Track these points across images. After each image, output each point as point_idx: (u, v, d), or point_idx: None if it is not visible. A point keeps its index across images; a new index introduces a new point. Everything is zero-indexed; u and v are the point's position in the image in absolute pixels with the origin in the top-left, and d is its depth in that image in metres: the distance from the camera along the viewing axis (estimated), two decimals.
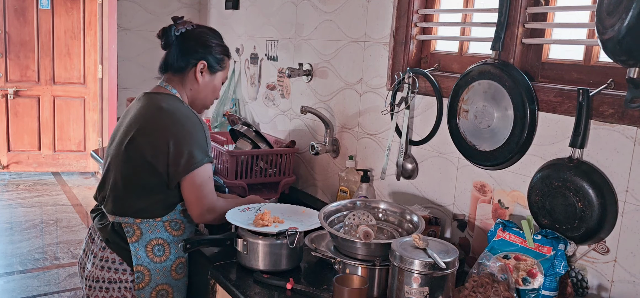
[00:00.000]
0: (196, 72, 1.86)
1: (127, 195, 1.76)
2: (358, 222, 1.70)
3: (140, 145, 1.73)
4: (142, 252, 1.75)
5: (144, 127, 1.75)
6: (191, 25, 1.89)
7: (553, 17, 1.66)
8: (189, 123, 1.76)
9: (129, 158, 1.75)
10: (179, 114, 1.76)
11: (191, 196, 1.75)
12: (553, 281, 1.46)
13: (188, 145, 1.72)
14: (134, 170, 1.74)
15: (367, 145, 2.29)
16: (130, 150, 1.75)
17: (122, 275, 1.76)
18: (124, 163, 1.76)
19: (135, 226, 1.76)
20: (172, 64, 1.86)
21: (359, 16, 2.30)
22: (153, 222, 1.77)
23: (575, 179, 1.49)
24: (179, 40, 1.85)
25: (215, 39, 1.91)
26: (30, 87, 5.73)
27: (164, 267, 1.78)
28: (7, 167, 5.82)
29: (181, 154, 1.71)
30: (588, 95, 1.47)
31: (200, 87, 1.88)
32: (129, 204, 1.76)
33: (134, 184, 1.75)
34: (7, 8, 5.50)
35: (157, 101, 1.80)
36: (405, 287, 1.41)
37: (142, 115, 1.78)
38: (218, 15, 3.59)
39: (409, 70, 2.01)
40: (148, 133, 1.74)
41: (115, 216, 1.77)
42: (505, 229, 1.61)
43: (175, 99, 1.83)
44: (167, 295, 1.80)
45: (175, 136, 1.72)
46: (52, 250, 4.14)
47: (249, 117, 3.22)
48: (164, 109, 1.76)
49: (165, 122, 1.74)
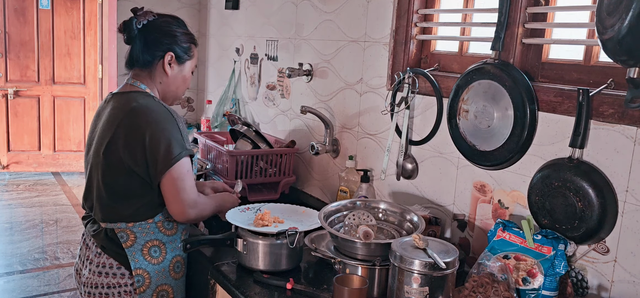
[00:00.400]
0: (164, 65, 1.79)
1: (114, 202, 1.72)
2: (358, 222, 1.70)
3: (117, 150, 1.68)
4: (139, 255, 1.74)
5: (118, 131, 1.69)
6: (153, 15, 1.81)
7: (553, 17, 1.66)
8: (162, 118, 1.70)
9: (108, 165, 1.70)
10: (151, 111, 1.70)
11: (170, 193, 1.69)
12: (553, 281, 1.46)
13: (164, 141, 1.67)
14: (116, 176, 1.70)
15: (367, 145, 2.29)
16: (108, 157, 1.70)
17: (121, 280, 1.75)
18: (104, 170, 1.71)
19: (128, 231, 1.73)
20: (138, 59, 1.79)
21: (359, 16, 2.30)
22: (145, 224, 1.75)
23: (575, 179, 1.48)
24: (142, 32, 1.77)
25: (180, 28, 1.84)
26: (30, 87, 5.73)
27: (162, 268, 1.77)
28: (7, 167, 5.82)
29: (158, 152, 1.66)
30: (588, 95, 1.47)
31: (170, 80, 1.82)
32: (117, 211, 1.73)
33: (118, 190, 1.71)
34: (7, 8, 5.50)
35: (127, 102, 1.73)
36: (405, 287, 1.40)
37: (115, 118, 1.72)
38: (218, 15, 3.59)
39: (409, 70, 2.01)
40: (122, 137, 1.68)
41: (107, 223, 1.75)
42: (505, 229, 1.60)
43: (145, 95, 1.76)
44: (167, 295, 1.80)
45: (150, 135, 1.66)
46: (52, 250, 4.14)
47: (249, 117, 3.22)
48: (134, 109, 1.70)
49: (138, 122, 1.68)
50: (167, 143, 1.67)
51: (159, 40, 1.78)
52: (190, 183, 1.73)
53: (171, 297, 1.80)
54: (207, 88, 3.80)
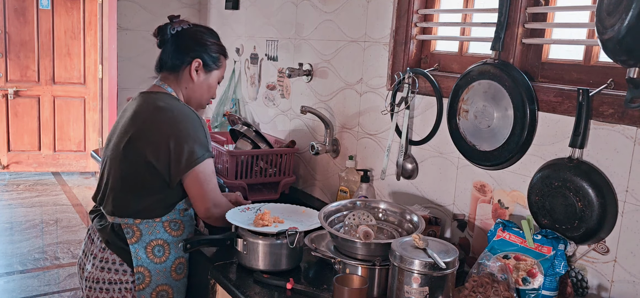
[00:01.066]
0: (191, 70, 1.85)
1: (127, 195, 1.75)
2: (358, 222, 1.70)
3: (139, 145, 1.73)
4: (142, 252, 1.75)
5: (142, 127, 1.74)
6: (188, 24, 1.88)
7: (553, 17, 1.66)
8: (188, 120, 1.75)
9: (127, 159, 1.74)
10: (177, 112, 1.76)
11: (195, 192, 1.76)
12: (553, 281, 1.46)
13: (188, 142, 1.72)
14: (133, 170, 1.74)
15: (367, 145, 2.29)
16: (128, 151, 1.74)
17: (123, 276, 1.76)
18: (122, 163, 1.75)
19: (134, 227, 1.75)
20: (166, 62, 1.86)
21: (359, 16, 2.30)
22: (152, 222, 1.77)
23: (575, 179, 1.49)
24: (174, 38, 1.84)
25: (212, 38, 1.91)
26: (30, 87, 5.73)
27: (164, 268, 1.78)
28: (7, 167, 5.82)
29: (182, 152, 1.71)
30: (588, 95, 1.47)
31: (196, 86, 1.87)
32: (128, 205, 1.75)
33: (133, 185, 1.74)
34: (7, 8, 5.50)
35: (154, 100, 1.79)
36: (405, 287, 1.41)
37: (140, 115, 1.77)
38: (218, 15, 3.59)
39: (409, 70, 2.01)
40: (147, 132, 1.73)
41: (115, 217, 1.77)
42: (505, 229, 1.61)
43: (172, 97, 1.82)
44: (167, 295, 1.80)
45: (175, 134, 1.71)
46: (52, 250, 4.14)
47: (249, 117, 3.22)
48: (161, 108, 1.76)
49: (164, 121, 1.73)
50: (191, 144, 1.72)
51: (190, 46, 1.84)
52: (214, 184, 1.79)
53: (170, 297, 1.81)
54: None
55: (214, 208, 1.79)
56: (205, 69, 1.88)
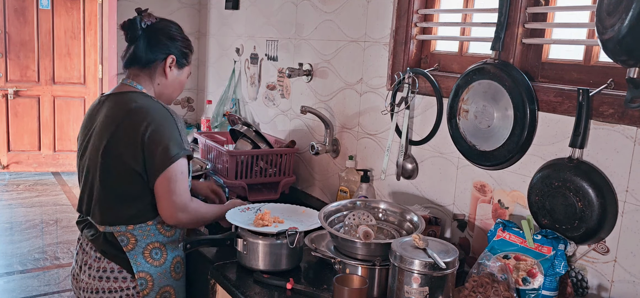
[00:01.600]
0: (165, 67, 1.81)
1: (114, 204, 1.71)
2: (358, 222, 1.70)
3: (116, 151, 1.68)
4: (141, 258, 1.73)
5: (117, 131, 1.69)
6: (155, 18, 1.83)
7: (553, 17, 1.66)
8: (161, 118, 1.70)
9: (108, 167, 1.69)
10: (150, 111, 1.71)
11: (161, 194, 1.68)
12: (553, 281, 1.46)
13: (162, 141, 1.67)
14: (116, 177, 1.69)
15: (367, 145, 2.29)
16: (107, 158, 1.69)
17: (123, 283, 1.73)
18: (104, 172, 1.70)
19: (128, 234, 1.72)
20: (140, 58, 1.78)
21: (359, 16, 2.30)
22: (145, 226, 1.74)
23: (575, 179, 1.49)
24: (146, 33, 1.78)
25: (181, 33, 1.86)
26: (30, 87, 5.73)
27: (163, 270, 1.77)
28: (7, 167, 5.82)
29: (156, 151, 1.66)
30: (588, 95, 1.47)
31: (168, 82, 1.84)
32: (117, 213, 1.72)
33: (119, 192, 1.70)
34: (7, 8, 5.50)
35: (126, 102, 1.73)
36: (405, 287, 1.41)
37: (113, 119, 1.71)
38: (218, 15, 3.59)
39: (409, 70, 2.01)
40: (122, 137, 1.68)
41: (105, 226, 1.73)
42: (505, 229, 1.61)
43: (143, 95, 1.76)
44: (170, 296, 1.79)
45: (149, 134, 1.66)
46: (52, 250, 4.14)
47: (249, 117, 3.22)
48: (133, 109, 1.70)
49: (138, 122, 1.67)
50: (165, 143, 1.67)
51: (162, 42, 1.80)
52: (183, 186, 1.71)
53: (173, 297, 1.80)
54: (207, 88, 3.80)
55: (180, 213, 1.70)
56: (178, 65, 1.84)
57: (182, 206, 1.71)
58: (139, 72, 1.81)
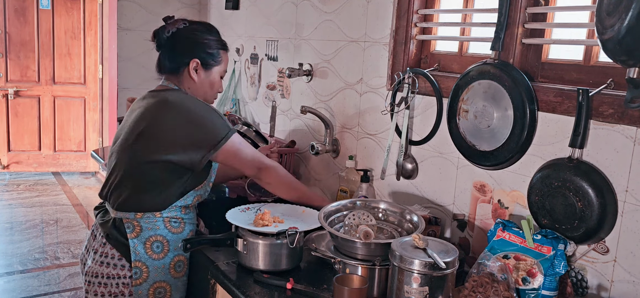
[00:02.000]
0: (190, 71, 1.84)
1: (130, 190, 1.76)
2: (358, 222, 1.70)
3: (150, 140, 1.73)
4: (141, 248, 1.75)
5: (153, 122, 1.75)
6: (183, 23, 1.86)
7: (553, 17, 1.66)
8: (199, 106, 1.78)
9: (136, 154, 1.75)
10: (187, 102, 1.78)
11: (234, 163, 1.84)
12: (553, 281, 1.46)
13: (205, 124, 1.75)
14: (142, 165, 1.74)
15: (367, 145, 2.29)
16: (138, 146, 1.74)
17: (121, 271, 1.77)
18: (130, 159, 1.76)
19: (135, 222, 1.76)
20: (165, 66, 1.87)
21: (359, 16, 2.30)
22: (153, 217, 1.77)
23: (575, 179, 1.49)
24: (169, 41, 1.84)
25: (208, 34, 1.89)
26: (30, 87, 5.73)
27: (162, 265, 1.78)
28: (7, 167, 5.82)
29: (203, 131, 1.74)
30: (588, 95, 1.47)
31: (197, 85, 1.87)
32: (132, 199, 1.76)
33: (140, 180, 1.75)
34: (7, 8, 5.50)
35: (162, 96, 1.80)
36: (405, 287, 1.41)
37: (149, 111, 1.78)
38: (218, 15, 3.59)
39: (409, 70, 2.01)
40: (160, 126, 1.74)
41: (118, 211, 1.78)
42: (505, 229, 1.61)
43: (178, 92, 1.84)
44: (165, 292, 1.80)
45: (191, 119, 1.74)
46: (53, 250, 4.14)
47: (249, 117, 3.22)
48: (170, 101, 1.77)
49: (176, 112, 1.75)
50: (210, 124, 1.76)
51: (185, 48, 1.85)
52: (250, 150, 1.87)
53: (168, 295, 1.81)
54: None
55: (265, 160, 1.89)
56: (205, 68, 1.87)
57: (258, 162, 1.88)
58: (170, 77, 1.88)
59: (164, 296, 1.80)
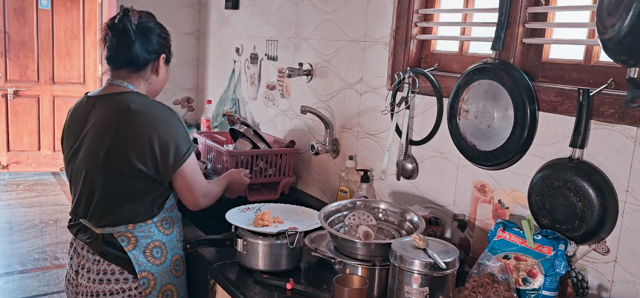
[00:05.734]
0: (158, 66, 1.82)
1: (117, 205, 1.71)
2: (358, 222, 1.70)
3: (122, 153, 1.66)
4: (142, 258, 1.73)
5: (119, 133, 1.66)
6: (137, 13, 1.78)
7: (553, 17, 1.66)
8: (165, 116, 1.72)
9: (110, 168, 1.67)
10: (152, 110, 1.71)
11: (184, 187, 1.75)
12: (553, 281, 1.46)
13: (172, 139, 1.69)
14: (120, 178, 1.68)
15: (367, 145, 2.29)
16: (110, 160, 1.67)
17: (124, 284, 1.73)
18: (107, 174, 1.68)
19: (129, 234, 1.72)
20: (136, 59, 1.75)
21: (359, 16, 2.30)
22: (145, 225, 1.74)
23: (576, 179, 1.48)
24: (137, 35, 1.74)
25: (163, 29, 1.84)
26: (30, 87, 5.72)
27: (165, 268, 1.77)
28: (6, 167, 5.82)
29: (168, 150, 1.68)
30: (588, 95, 1.47)
31: (159, 79, 1.85)
32: (119, 214, 1.71)
33: (123, 193, 1.70)
34: (7, 8, 5.50)
35: (122, 103, 1.70)
36: (405, 287, 1.40)
37: (112, 120, 1.69)
38: (218, 15, 3.59)
39: (409, 70, 2.01)
40: (127, 138, 1.66)
41: (104, 228, 1.72)
42: (505, 229, 1.60)
43: (138, 95, 1.75)
44: (171, 294, 1.80)
45: (158, 135, 1.67)
46: (52, 250, 4.14)
47: (249, 117, 3.22)
48: (134, 111, 1.68)
49: (141, 123, 1.67)
50: (175, 140, 1.70)
51: (154, 43, 1.79)
52: (200, 176, 1.79)
53: (175, 295, 1.81)
54: (207, 88, 3.80)
55: (203, 199, 1.80)
56: (166, 63, 1.86)
57: (204, 192, 1.80)
58: (129, 74, 1.78)
59: None
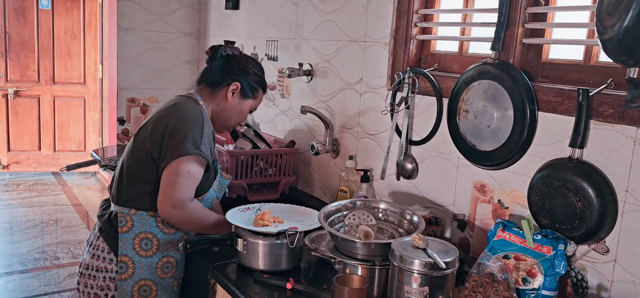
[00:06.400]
0: (228, 91, 1.90)
1: (128, 185, 1.79)
2: (358, 222, 1.70)
3: (144, 136, 1.78)
4: (129, 243, 1.78)
5: (151, 119, 1.82)
6: (238, 51, 1.97)
7: (553, 17, 1.66)
8: (190, 115, 1.77)
9: (134, 149, 1.81)
10: (185, 107, 1.80)
11: (164, 183, 1.70)
12: (553, 281, 1.46)
13: (181, 134, 1.72)
14: (136, 160, 1.78)
15: (367, 145, 2.29)
16: (136, 141, 1.81)
17: (108, 265, 1.80)
18: (129, 153, 1.82)
19: (128, 217, 1.78)
20: (209, 77, 1.92)
21: (359, 16, 2.30)
22: (146, 215, 1.78)
23: (575, 179, 1.49)
24: (223, 59, 1.92)
25: (257, 70, 1.98)
26: (30, 87, 5.73)
27: (149, 263, 1.79)
28: (7, 167, 5.82)
29: (172, 140, 1.72)
30: (588, 95, 1.47)
31: (227, 106, 1.92)
32: (127, 194, 1.79)
33: (134, 173, 1.78)
34: (7, 8, 5.50)
35: (175, 99, 1.87)
36: (405, 287, 1.41)
37: (158, 112, 1.84)
38: (218, 15, 3.59)
39: (409, 70, 2.01)
40: (153, 123, 1.79)
41: (115, 205, 1.81)
42: (505, 229, 1.61)
43: (194, 101, 1.85)
44: (150, 291, 1.81)
45: (173, 123, 1.74)
46: (52, 250, 4.14)
47: (249, 117, 3.22)
48: (173, 103, 1.83)
49: (169, 112, 1.79)
50: (182, 136, 1.72)
51: (234, 70, 1.91)
52: (187, 184, 1.71)
53: (154, 294, 1.81)
54: None
55: (173, 209, 1.69)
56: (242, 94, 1.93)
57: (179, 202, 1.70)
58: (204, 89, 1.92)
59: (149, 295, 1.81)
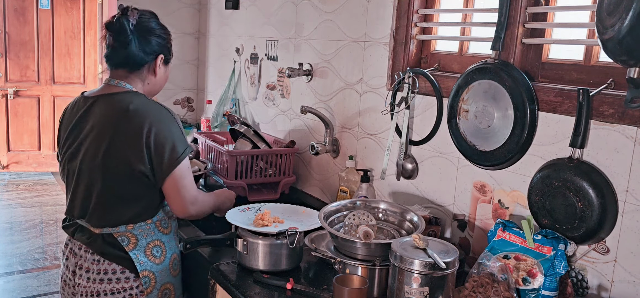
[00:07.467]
0: (156, 67, 1.80)
1: (117, 205, 1.71)
2: (358, 222, 1.70)
3: (120, 153, 1.66)
4: (143, 257, 1.73)
5: (117, 133, 1.66)
6: (136, 12, 1.77)
7: (553, 17, 1.66)
8: (163, 118, 1.70)
9: (109, 169, 1.67)
10: (150, 111, 1.69)
11: (172, 191, 1.71)
12: (553, 281, 1.46)
13: (168, 141, 1.68)
14: (119, 179, 1.68)
15: (367, 145, 2.29)
16: (108, 160, 1.67)
17: (126, 283, 1.72)
18: (105, 174, 1.68)
19: (128, 234, 1.72)
20: (134, 59, 1.75)
21: (359, 16, 2.30)
22: (145, 225, 1.74)
23: (575, 179, 1.48)
24: (135, 35, 1.74)
25: (163, 29, 1.83)
26: (30, 87, 5.73)
27: (164, 267, 1.78)
28: (7, 167, 5.82)
29: (163, 151, 1.67)
30: (588, 95, 1.47)
31: (157, 80, 1.83)
32: (120, 214, 1.71)
33: (123, 193, 1.70)
34: (7, 8, 5.50)
35: (120, 103, 1.70)
36: (405, 287, 1.40)
37: (110, 120, 1.68)
38: (218, 15, 3.59)
39: (409, 70, 2.01)
40: (125, 139, 1.66)
41: (104, 228, 1.72)
42: (505, 229, 1.60)
43: (136, 94, 1.74)
44: (169, 293, 1.80)
45: (154, 135, 1.66)
46: (52, 250, 4.14)
47: (249, 117, 3.22)
48: (132, 111, 1.67)
49: (139, 123, 1.66)
50: (171, 143, 1.68)
51: (152, 43, 1.78)
52: (190, 180, 1.75)
53: (173, 294, 1.81)
54: (207, 88, 3.80)
55: (191, 206, 1.75)
56: (165, 63, 1.84)
57: (192, 199, 1.75)
58: (127, 74, 1.77)
59: (169, 296, 1.81)
